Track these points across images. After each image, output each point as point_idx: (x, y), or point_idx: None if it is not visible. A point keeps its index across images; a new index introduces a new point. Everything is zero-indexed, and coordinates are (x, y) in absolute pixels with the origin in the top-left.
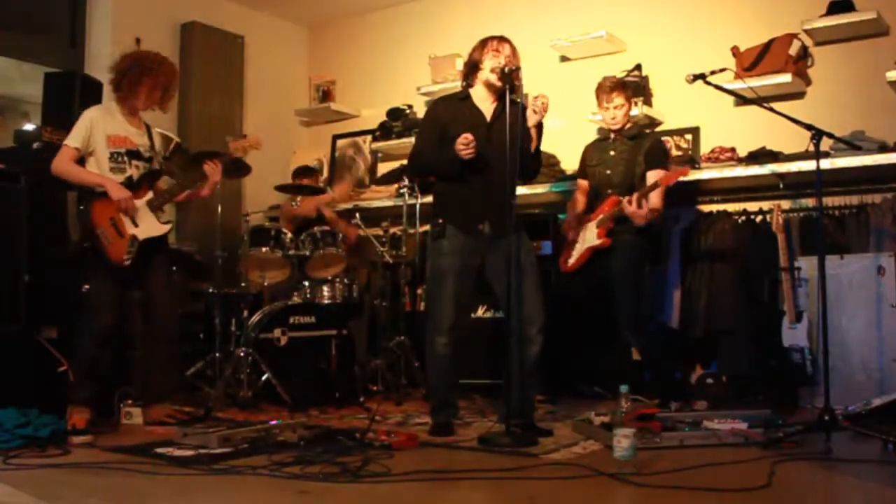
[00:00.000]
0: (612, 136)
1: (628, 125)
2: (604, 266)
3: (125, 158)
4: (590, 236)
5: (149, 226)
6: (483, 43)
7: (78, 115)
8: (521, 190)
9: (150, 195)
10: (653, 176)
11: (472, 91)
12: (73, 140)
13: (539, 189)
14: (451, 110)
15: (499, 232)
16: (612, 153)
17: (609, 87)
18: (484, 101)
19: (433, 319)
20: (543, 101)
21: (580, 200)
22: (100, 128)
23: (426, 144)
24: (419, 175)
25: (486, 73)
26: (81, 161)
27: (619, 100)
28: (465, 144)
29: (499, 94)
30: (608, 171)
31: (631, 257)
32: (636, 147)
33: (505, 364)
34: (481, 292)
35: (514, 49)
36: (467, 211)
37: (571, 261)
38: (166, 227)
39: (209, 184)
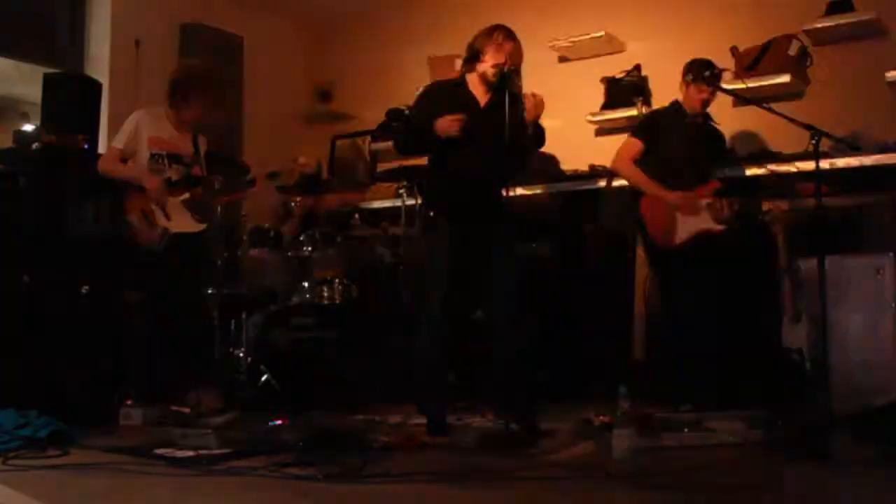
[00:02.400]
0: (699, 117)
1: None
2: (715, 252)
3: (165, 161)
4: (703, 216)
5: (182, 221)
6: (490, 31)
7: (77, 116)
8: (520, 191)
9: (186, 195)
10: None
11: (468, 76)
12: (118, 141)
13: (538, 189)
14: (444, 93)
15: (486, 220)
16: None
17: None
18: (478, 89)
19: (422, 310)
20: (536, 100)
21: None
22: (143, 129)
23: (413, 119)
24: (402, 150)
25: (485, 66)
26: (126, 162)
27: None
28: (452, 121)
29: (492, 87)
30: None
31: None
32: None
33: (494, 361)
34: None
35: (518, 46)
36: (455, 198)
37: (680, 236)
38: (200, 226)
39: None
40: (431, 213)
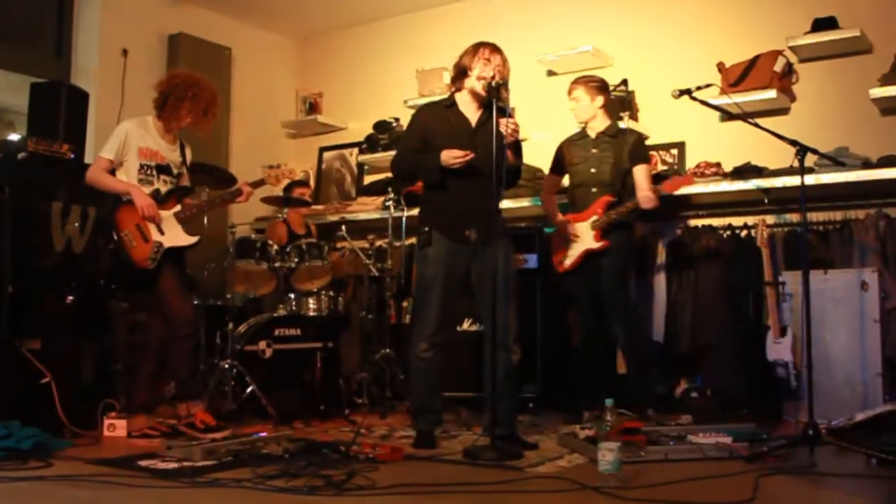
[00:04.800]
0: (593, 134)
1: (604, 123)
2: (596, 266)
3: (154, 172)
4: (586, 238)
5: (175, 235)
6: (475, 48)
7: (63, 126)
8: (506, 203)
9: (177, 208)
10: (640, 171)
11: (457, 96)
12: (107, 151)
13: (524, 202)
14: (436, 117)
15: (485, 239)
16: (594, 151)
17: (572, 83)
18: (469, 108)
19: (418, 326)
20: (513, 127)
21: (551, 197)
22: (133, 140)
23: (408, 149)
24: (401, 179)
25: (473, 81)
26: (114, 172)
27: (577, 93)
28: (456, 158)
29: (483, 103)
30: (593, 170)
31: (622, 256)
32: (620, 144)
33: (485, 374)
34: (468, 304)
35: (504, 60)
36: (453, 218)
37: (568, 261)
38: (193, 239)
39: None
40: (426, 229)
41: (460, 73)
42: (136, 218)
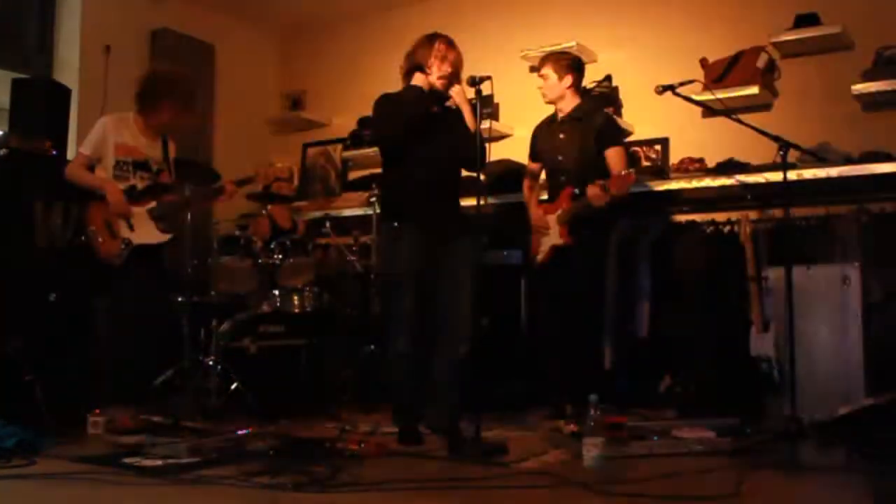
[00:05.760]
0: (559, 117)
1: (572, 103)
2: (566, 262)
3: (130, 168)
4: (553, 233)
5: (146, 232)
6: (430, 42)
7: (45, 122)
8: (491, 199)
9: (152, 205)
10: (612, 154)
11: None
12: (85, 147)
13: (510, 198)
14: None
15: (452, 228)
16: (561, 136)
17: (540, 60)
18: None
19: (390, 323)
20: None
21: (529, 186)
22: (111, 136)
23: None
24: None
25: (434, 80)
26: (93, 168)
27: (545, 70)
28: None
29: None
30: (560, 157)
31: (592, 254)
32: (586, 127)
33: (437, 368)
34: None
35: (459, 54)
36: (424, 208)
37: (540, 256)
38: (165, 237)
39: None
40: (396, 224)
41: (415, 68)
42: (107, 214)
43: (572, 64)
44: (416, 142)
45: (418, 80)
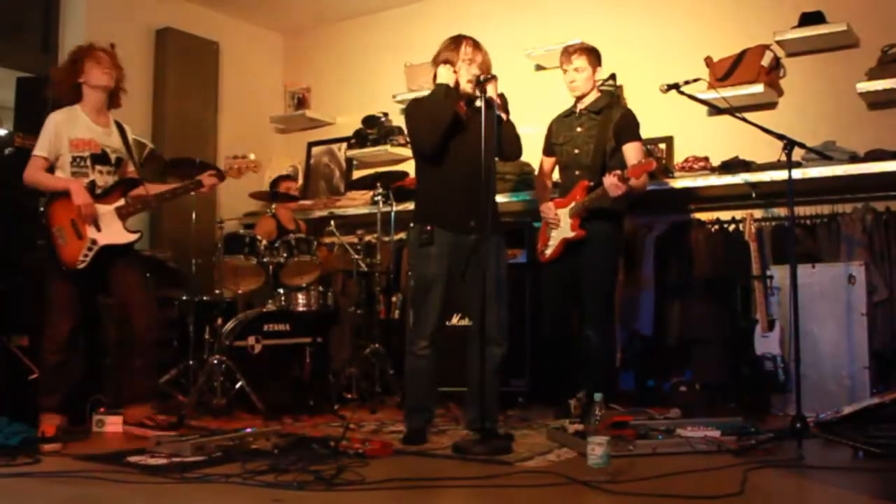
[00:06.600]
0: (578, 110)
1: (593, 97)
2: (576, 257)
3: (88, 163)
4: (564, 226)
5: (113, 232)
6: (457, 44)
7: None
8: (498, 198)
9: (120, 202)
10: (630, 149)
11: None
12: (40, 149)
13: (513, 197)
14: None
15: (485, 228)
16: (578, 129)
17: (570, 50)
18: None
19: (417, 325)
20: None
21: (543, 182)
22: (63, 132)
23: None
24: (424, 143)
25: (463, 84)
26: (53, 169)
27: (579, 62)
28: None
29: (467, 99)
30: (576, 151)
31: (603, 249)
32: (604, 121)
33: (471, 369)
34: (458, 299)
35: (485, 53)
36: (455, 211)
37: (548, 251)
38: (133, 236)
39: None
40: (428, 228)
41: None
42: (73, 213)
43: (599, 57)
44: (449, 143)
45: (444, 76)
